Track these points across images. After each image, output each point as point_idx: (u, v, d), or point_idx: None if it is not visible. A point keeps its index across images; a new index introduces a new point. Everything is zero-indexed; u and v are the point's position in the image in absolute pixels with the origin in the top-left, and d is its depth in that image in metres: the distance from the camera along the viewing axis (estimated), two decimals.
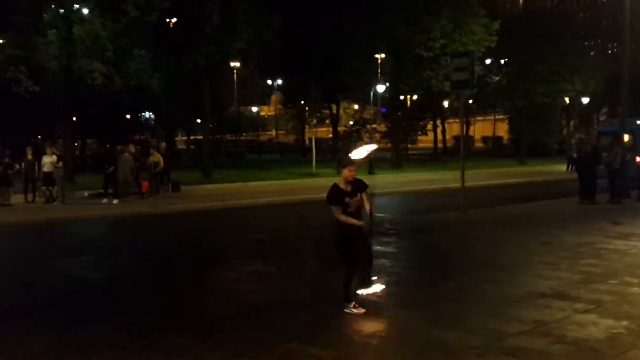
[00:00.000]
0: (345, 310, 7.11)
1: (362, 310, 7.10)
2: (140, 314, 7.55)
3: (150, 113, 52.88)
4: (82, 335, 6.62)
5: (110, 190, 20.09)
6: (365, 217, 7.10)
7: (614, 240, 11.91)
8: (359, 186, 7.05)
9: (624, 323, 6.61)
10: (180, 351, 6.06)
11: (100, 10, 24.03)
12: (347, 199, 6.97)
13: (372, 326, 6.71)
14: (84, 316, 7.42)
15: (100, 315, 7.46)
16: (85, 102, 33.74)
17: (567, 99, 52.08)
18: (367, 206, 7.08)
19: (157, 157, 21.03)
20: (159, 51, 30.77)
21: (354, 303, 7.16)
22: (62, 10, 24.00)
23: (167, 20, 29.42)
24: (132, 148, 21.22)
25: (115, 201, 19.57)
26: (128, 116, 47.64)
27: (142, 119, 52.88)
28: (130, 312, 7.64)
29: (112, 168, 19.97)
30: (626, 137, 20.92)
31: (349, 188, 7.02)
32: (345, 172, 7.00)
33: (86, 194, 21.26)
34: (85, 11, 24.21)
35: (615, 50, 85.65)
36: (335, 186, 7.11)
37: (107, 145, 22.42)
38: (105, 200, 19.66)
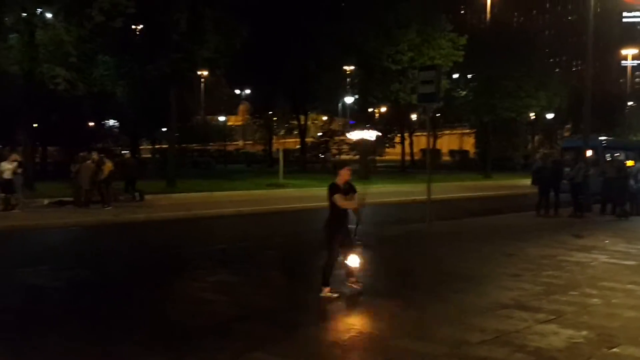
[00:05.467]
0: (321, 294, 8.15)
1: (336, 295, 8.16)
2: (100, 324, 7.31)
3: (115, 121, 52.09)
4: (39, 345, 6.40)
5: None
6: (355, 214, 8.63)
7: (575, 252, 12.06)
8: (351, 189, 8.42)
9: (584, 333, 6.65)
10: None
11: (65, 14, 23.55)
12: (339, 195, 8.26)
13: (337, 336, 6.64)
14: (41, 326, 7.17)
15: (58, 325, 7.23)
16: (47, 108, 33.04)
17: (532, 114, 52.99)
18: (356, 204, 8.54)
19: (108, 166, 20.66)
20: (124, 58, 30.33)
21: (329, 288, 8.20)
22: (24, 14, 23.47)
23: (133, 26, 29.06)
24: (94, 155, 20.81)
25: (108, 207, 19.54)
26: (91, 123, 46.84)
27: (105, 127, 52.04)
28: (90, 322, 7.40)
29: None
30: (589, 153, 21.30)
31: (344, 187, 8.32)
32: (343, 172, 8.42)
33: (46, 201, 20.77)
34: (49, 15, 23.72)
35: (580, 67, 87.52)
36: (333, 184, 8.38)
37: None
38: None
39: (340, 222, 8.42)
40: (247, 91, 64.28)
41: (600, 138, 26.32)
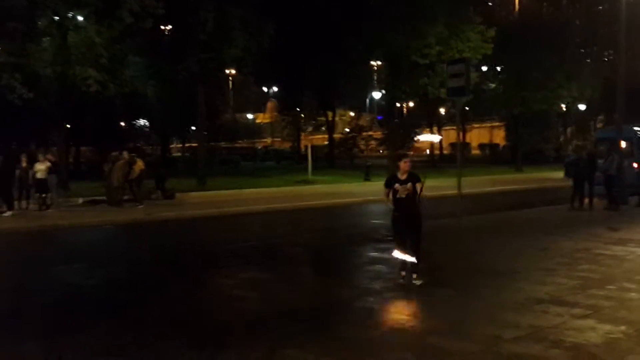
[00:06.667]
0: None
1: (400, 279, 8.76)
2: (135, 321, 7.43)
3: (145, 120, 52.70)
4: (75, 342, 6.51)
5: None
6: (421, 201, 8.68)
7: (611, 246, 11.84)
8: (413, 178, 8.57)
9: (622, 328, 6.53)
10: (175, 358, 5.96)
11: (95, 17, 23.90)
12: (397, 185, 8.52)
13: (370, 333, 6.62)
14: (77, 323, 7.30)
15: (94, 322, 7.36)
16: (80, 109, 33.58)
17: (563, 106, 52.15)
18: (419, 193, 8.62)
19: (139, 165, 20.90)
20: (154, 58, 30.67)
21: (402, 273, 8.75)
22: (56, 18, 23.87)
23: (162, 27, 29.34)
24: (126, 155, 21.09)
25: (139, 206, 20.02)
26: (122, 123, 47.46)
27: (136, 127, 52.67)
28: (125, 319, 7.52)
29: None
30: (623, 144, 20.86)
31: (403, 177, 8.54)
32: (401, 164, 8.64)
33: (80, 201, 21.13)
34: (80, 18, 24.07)
35: (612, 57, 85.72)
36: (392, 174, 8.81)
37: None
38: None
39: (397, 212, 8.62)
40: (275, 89, 64.50)
41: (635, 129, 25.78)
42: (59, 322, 7.40)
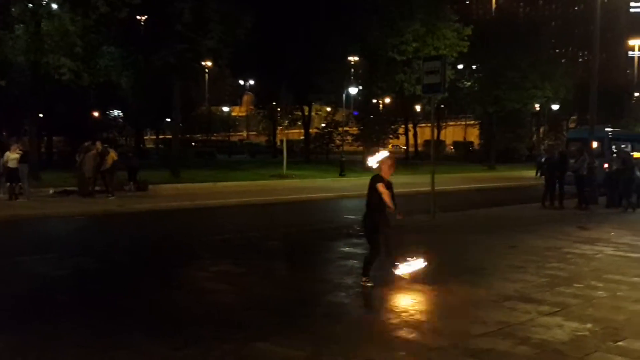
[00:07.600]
0: (361, 282, 8.53)
1: (370, 284, 8.41)
2: (106, 312, 7.34)
3: (119, 111, 52.08)
4: (44, 334, 6.42)
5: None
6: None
7: (580, 245, 12.03)
8: (391, 184, 8.53)
9: (588, 326, 6.64)
10: (146, 350, 5.92)
11: (70, 5, 23.53)
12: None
13: (340, 327, 6.63)
14: (47, 314, 7.20)
15: (65, 313, 7.26)
16: (53, 98, 33.05)
17: (537, 106, 52.79)
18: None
19: (111, 155, 20.73)
20: (129, 48, 30.34)
21: (366, 278, 8.50)
22: (30, 5, 23.47)
23: (138, 17, 29.00)
24: (98, 145, 20.86)
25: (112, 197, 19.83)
26: (96, 114, 46.85)
27: (110, 117, 52.02)
28: (94, 311, 7.41)
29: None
30: (595, 144, 21.19)
31: (386, 182, 8.45)
32: (383, 165, 8.51)
33: (51, 191, 20.84)
34: (54, 6, 23.69)
35: (586, 58, 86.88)
36: (379, 175, 8.49)
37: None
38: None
39: (381, 214, 8.44)
40: (251, 82, 64.21)
41: (606, 129, 26.21)
42: (28, 314, 7.28)
